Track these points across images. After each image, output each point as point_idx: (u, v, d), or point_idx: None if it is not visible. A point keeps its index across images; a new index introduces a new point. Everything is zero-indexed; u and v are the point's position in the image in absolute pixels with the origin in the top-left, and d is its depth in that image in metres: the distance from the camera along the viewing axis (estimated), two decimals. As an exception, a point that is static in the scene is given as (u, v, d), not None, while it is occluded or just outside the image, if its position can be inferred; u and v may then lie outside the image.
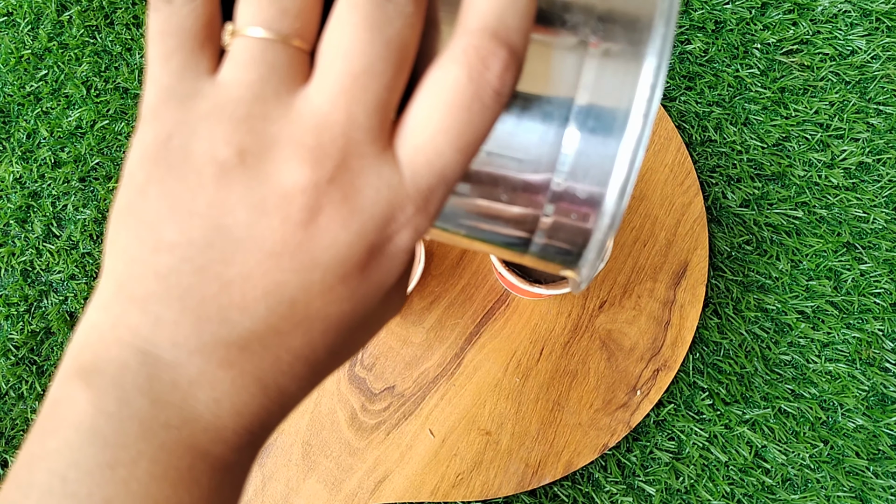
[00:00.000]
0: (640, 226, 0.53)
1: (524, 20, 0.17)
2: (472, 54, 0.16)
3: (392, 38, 0.16)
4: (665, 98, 0.56)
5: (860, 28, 0.56)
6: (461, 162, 0.17)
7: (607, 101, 0.17)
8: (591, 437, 0.50)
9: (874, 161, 0.55)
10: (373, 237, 0.17)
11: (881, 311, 0.52)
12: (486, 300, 0.52)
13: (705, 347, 0.52)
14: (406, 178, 0.17)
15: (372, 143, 0.16)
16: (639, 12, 0.18)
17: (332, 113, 0.16)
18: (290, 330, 0.17)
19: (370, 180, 0.16)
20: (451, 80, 0.16)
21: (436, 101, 0.16)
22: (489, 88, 0.16)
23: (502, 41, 0.16)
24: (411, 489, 0.49)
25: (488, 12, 0.16)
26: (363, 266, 0.17)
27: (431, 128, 0.16)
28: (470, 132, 0.16)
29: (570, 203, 0.18)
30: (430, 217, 0.17)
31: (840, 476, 0.50)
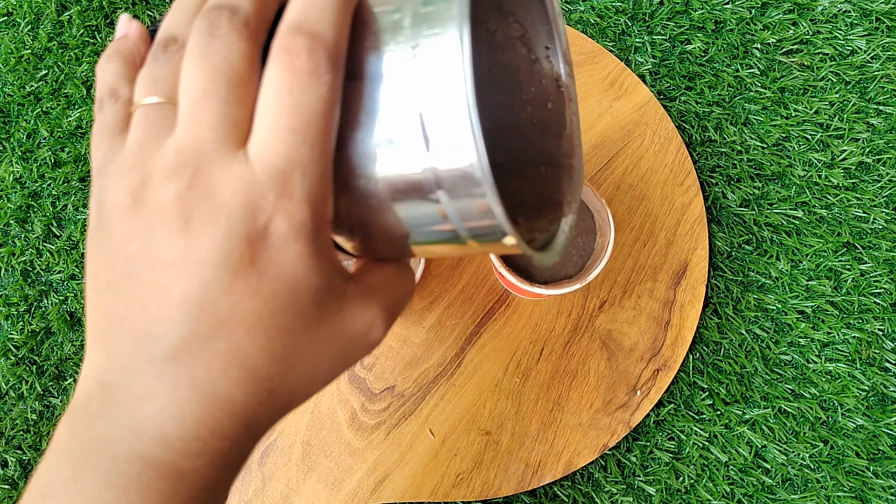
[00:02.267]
0: (640, 226, 0.53)
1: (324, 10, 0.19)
2: (280, 50, 0.19)
3: (219, 64, 0.19)
4: (665, 98, 0.56)
5: (860, 28, 0.56)
6: (305, 141, 0.19)
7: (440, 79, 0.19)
8: (591, 437, 0.50)
9: (874, 161, 0.55)
10: (244, 228, 0.18)
11: (881, 311, 0.52)
12: (486, 300, 0.52)
13: (705, 347, 0.52)
14: (256, 168, 0.19)
15: (220, 149, 0.19)
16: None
17: (185, 135, 0.19)
18: (211, 334, 0.19)
19: (224, 178, 0.18)
20: (272, 76, 0.19)
21: (266, 97, 0.19)
22: (303, 72, 0.18)
23: (304, 32, 0.19)
24: (411, 489, 0.49)
25: (292, 13, 0.19)
26: (251, 258, 0.19)
27: (267, 120, 0.19)
28: (301, 114, 0.18)
29: (451, 175, 0.19)
30: (300, 201, 0.19)
31: (840, 476, 0.50)
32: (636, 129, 0.54)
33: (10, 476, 0.52)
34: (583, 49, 0.55)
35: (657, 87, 0.56)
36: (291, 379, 0.20)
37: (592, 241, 0.46)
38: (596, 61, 0.55)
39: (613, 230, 0.43)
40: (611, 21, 0.57)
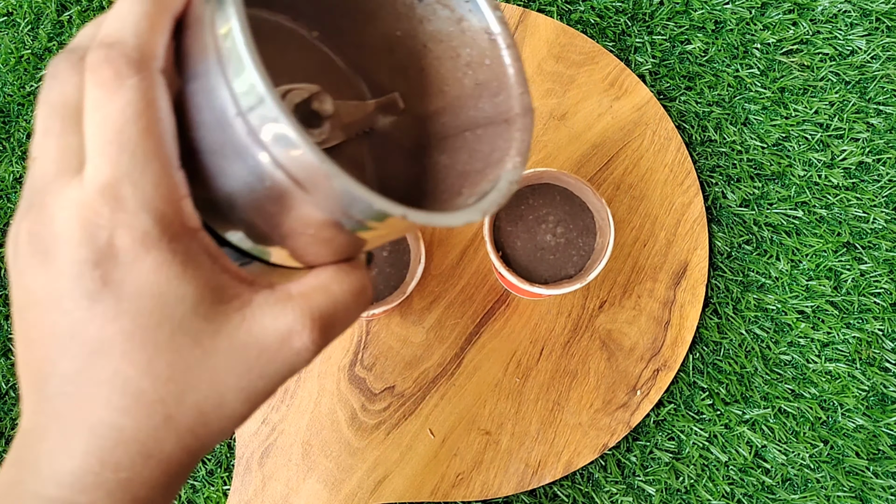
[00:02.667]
0: (640, 226, 0.53)
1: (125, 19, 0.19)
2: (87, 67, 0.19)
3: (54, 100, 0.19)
4: (665, 98, 0.56)
5: (860, 28, 0.56)
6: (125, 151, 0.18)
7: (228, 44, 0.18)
8: (591, 437, 0.50)
9: (874, 161, 0.55)
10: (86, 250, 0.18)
11: (881, 311, 0.52)
12: (486, 300, 0.52)
13: (705, 347, 0.52)
14: (87, 187, 0.18)
15: (58, 180, 0.19)
16: None
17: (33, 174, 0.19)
18: (88, 364, 0.19)
19: (58, 205, 0.18)
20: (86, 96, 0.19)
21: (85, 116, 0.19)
22: (105, 81, 0.18)
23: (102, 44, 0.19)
24: (411, 489, 0.49)
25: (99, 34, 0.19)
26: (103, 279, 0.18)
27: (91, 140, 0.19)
28: (112, 123, 0.18)
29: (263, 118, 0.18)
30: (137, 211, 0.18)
31: (840, 476, 0.50)
32: (636, 129, 0.54)
33: (10, 476, 0.52)
34: (583, 49, 0.55)
35: (657, 87, 0.56)
36: (191, 398, 0.19)
37: (592, 241, 0.46)
38: (596, 61, 0.55)
39: (613, 230, 0.43)
40: (611, 21, 0.57)
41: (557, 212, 0.46)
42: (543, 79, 0.55)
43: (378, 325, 0.51)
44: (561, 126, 0.54)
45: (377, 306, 0.43)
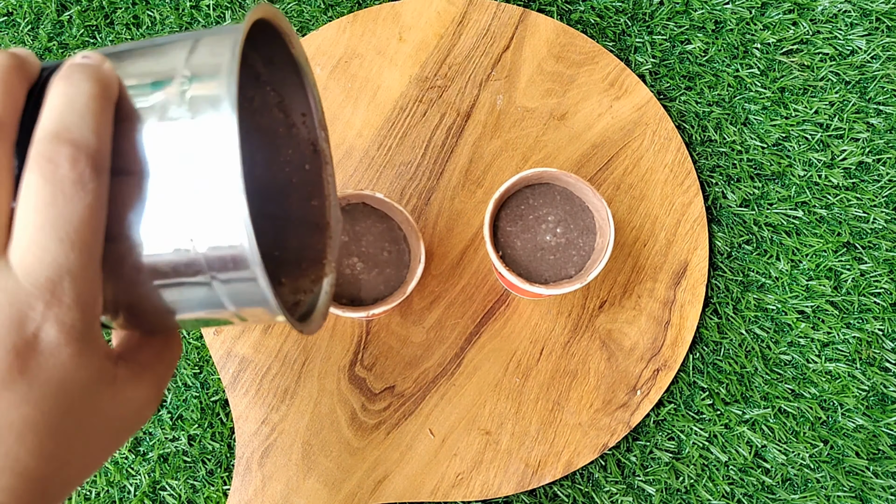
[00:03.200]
0: (640, 226, 0.53)
1: (86, 115, 0.19)
2: (40, 159, 0.18)
3: None
4: (665, 98, 0.56)
5: (860, 28, 0.56)
6: (73, 250, 0.18)
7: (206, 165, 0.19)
8: (591, 436, 0.50)
9: (874, 161, 0.55)
10: (12, 339, 0.18)
11: (881, 311, 0.52)
12: (486, 300, 0.52)
13: (705, 347, 0.52)
14: (21, 278, 0.18)
15: None
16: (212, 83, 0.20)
17: None
18: None
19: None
20: (32, 185, 0.18)
21: (26, 206, 0.18)
22: (67, 181, 0.18)
23: (64, 139, 0.18)
24: (411, 489, 0.49)
25: (48, 120, 0.19)
26: (20, 368, 0.18)
27: (30, 229, 0.18)
28: (65, 222, 0.18)
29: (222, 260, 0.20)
30: (69, 307, 0.19)
31: (840, 476, 0.50)
32: (636, 129, 0.54)
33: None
34: (583, 49, 0.55)
35: (657, 87, 0.56)
36: (67, 471, 0.20)
37: (592, 241, 0.46)
38: (596, 61, 0.55)
39: (613, 230, 0.43)
40: (611, 21, 0.57)
41: (557, 212, 0.46)
42: (543, 79, 0.55)
43: (378, 325, 0.51)
44: (561, 126, 0.54)
45: (377, 306, 0.43)
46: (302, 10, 0.58)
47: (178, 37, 0.22)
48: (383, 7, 0.56)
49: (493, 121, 0.54)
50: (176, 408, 0.52)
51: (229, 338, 0.51)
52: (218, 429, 0.52)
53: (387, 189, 0.53)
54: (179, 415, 0.52)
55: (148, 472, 0.51)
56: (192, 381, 0.53)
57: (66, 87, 0.19)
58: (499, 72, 0.55)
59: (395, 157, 0.54)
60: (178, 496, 0.51)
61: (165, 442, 0.52)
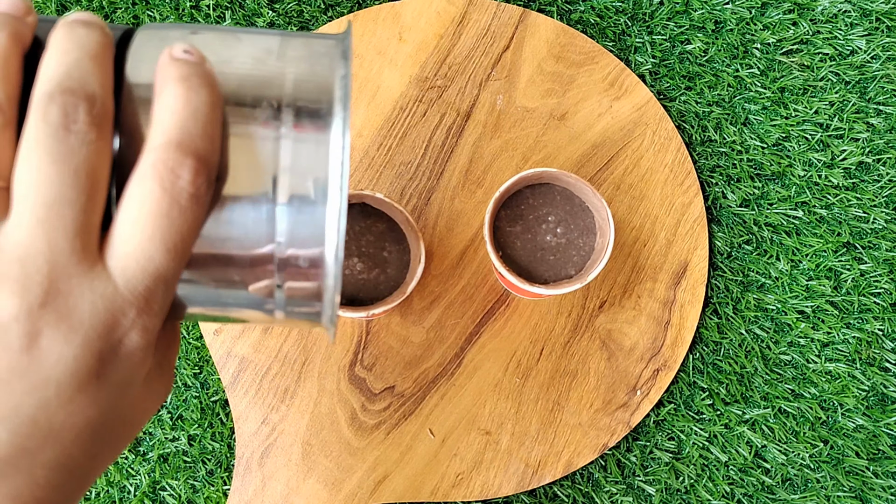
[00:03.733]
0: (640, 226, 0.53)
1: (207, 126, 0.18)
2: (160, 167, 0.17)
3: (79, 166, 0.17)
4: (665, 98, 0.56)
5: (860, 28, 0.56)
6: (174, 260, 0.18)
7: (305, 179, 0.20)
8: (591, 437, 0.50)
9: (874, 161, 0.55)
10: (99, 345, 0.18)
11: (881, 311, 0.52)
12: (486, 300, 0.52)
13: (705, 347, 0.52)
14: (120, 285, 0.18)
15: (78, 263, 0.17)
16: (320, 98, 0.20)
17: (32, 243, 0.17)
18: (38, 446, 0.18)
19: (84, 296, 0.17)
20: (147, 192, 0.17)
21: (137, 212, 0.17)
22: (184, 194, 0.18)
23: (187, 150, 0.18)
24: (411, 489, 0.49)
25: (171, 126, 0.18)
26: (98, 373, 0.18)
27: (137, 237, 0.18)
28: (175, 234, 0.18)
29: (297, 270, 0.20)
30: (156, 314, 0.19)
31: (840, 476, 0.50)
32: (636, 129, 0.54)
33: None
34: (583, 49, 0.55)
35: (657, 87, 0.56)
36: (99, 467, 0.20)
37: (592, 241, 0.46)
38: (596, 61, 0.55)
39: (613, 230, 0.43)
40: (611, 21, 0.57)
41: (558, 212, 0.46)
42: (543, 79, 0.55)
43: (378, 325, 0.51)
44: (561, 126, 0.54)
45: (377, 306, 0.43)
46: (302, 10, 0.58)
47: (257, 35, 0.22)
48: (383, 7, 0.56)
49: (493, 121, 0.54)
50: (176, 408, 0.52)
51: (229, 338, 0.51)
52: (218, 429, 0.52)
53: (387, 189, 0.53)
54: (179, 415, 0.52)
55: (148, 472, 0.51)
56: (192, 381, 0.53)
57: (186, 93, 0.18)
58: (499, 72, 0.55)
59: (395, 157, 0.54)
60: (178, 496, 0.51)
61: (165, 442, 0.52)
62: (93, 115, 0.17)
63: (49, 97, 0.17)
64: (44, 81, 0.18)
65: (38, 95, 0.18)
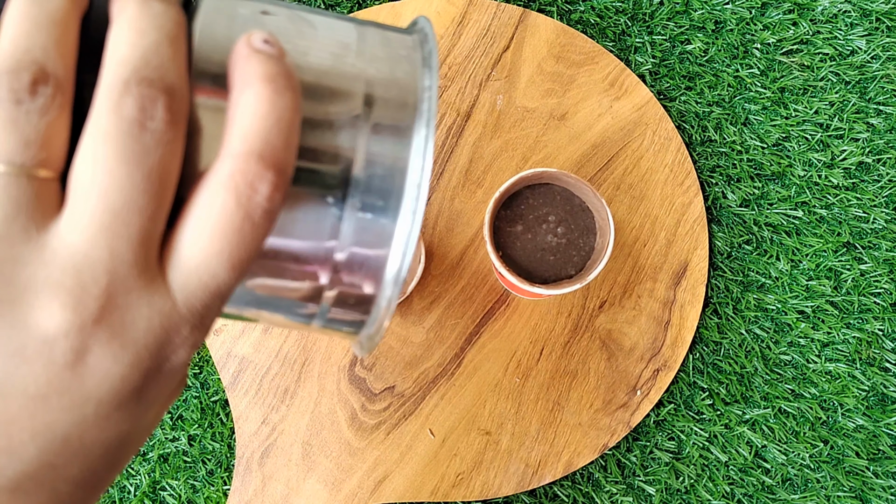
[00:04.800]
0: (640, 226, 0.53)
1: (289, 136, 0.16)
2: (239, 179, 0.16)
3: (153, 170, 0.15)
4: (665, 98, 0.56)
5: (860, 28, 0.56)
6: (236, 278, 0.17)
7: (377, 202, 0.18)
8: (591, 437, 0.50)
9: (874, 161, 0.55)
10: (148, 364, 0.16)
11: (881, 311, 0.52)
12: (486, 300, 0.52)
13: (705, 347, 0.52)
14: (179, 302, 0.16)
15: (139, 277, 0.16)
16: (401, 113, 0.19)
17: (91, 251, 0.15)
18: (66, 463, 0.17)
19: (141, 312, 0.16)
20: (220, 205, 0.16)
21: (206, 225, 0.16)
22: (259, 210, 0.16)
23: (269, 163, 0.16)
24: (411, 489, 0.49)
25: (253, 134, 0.16)
26: (140, 391, 0.17)
27: (203, 252, 0.16)
28: (243, 251, 0.16)
29: (351, 286, 0.19)
30: (207, 329, 0.17)
31: (840, 476, 0.50)
32: (636, 129, 0.54)
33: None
34: (583, 49, 0.55)
35: (657, 87, 0.56)
36: (113, 479, 0.19)
37: (592, 241, 0.46)
38: (596, 61, 0.55)
39: (613, 230, 0.43)
40: (611, 21, 0.57)
41: (558, 212, 0.46)
42: (543, 79, 0.55)
43: (378, 325, 0.51)
44: (561, 126, 0.54)
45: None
46: (302, 10, 0.58)
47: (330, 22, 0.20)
48: (383, 7, 0.56)
49: (493, 121, 0.54)
50: (176, 408, 0.52)
51: (229, 338, 0.51)
52: (218, 429, 0.52)
53: (387, 189, 0.53)
54: (179, 415, 0.52)
55: (148, 472, 0.51)
56: (192, 381, 0.53)
57: (272, 96, 0.16)
58: (499, 72, 0.55)
59: (395, 157, 0.54)
60: (178, 496, 0.51)
61: (165, 442, 0.52)
62: (172, 111, 0.16)
63: (124, 86, 0.15)
64: (117, 65, 0.15)
65: (111, 82, 0.15)
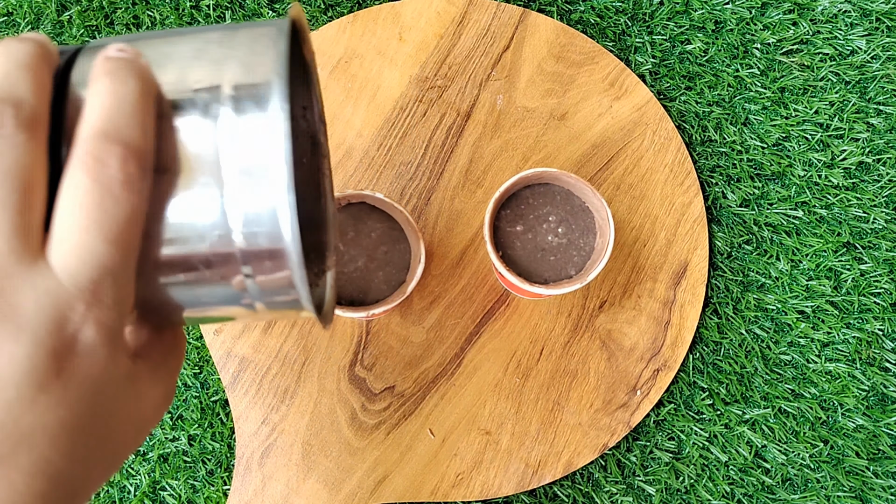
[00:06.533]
0: (640, 226, 0.53)
1: (135, 115, 0.18)
2: (87, 158, 0.18)
3: (9, 168, 0.17)
4: (665, 98, 0.56)
5: (860, 28, 0.56)
6: (117, 251, 0.18)
7: (251, 158, 0.19)
8: (591, 436, 0.50)
9: (874, 161, 0.55)
10: (51, 342, 0.17)
11: (881, 311, 0.52)
12: (486, 300, 0.52)
13: (705, 347, 0.52)
14: (64, 280, 0.18)
15: (18, 263, 0.17)
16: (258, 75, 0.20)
17: None
18: (12, 450, 0.17)
19: (26, 294, 0.17)
20: (77, 184, 0.18)
21: (71, 206, 0.18)
22: (115, 182, 0.18)
23: (114, 139, 0.18)
24: (411, 489, 0.49)
25: (96, 118, 0.18)
26: (57, 370, 0.18)
27: (74, 230, 0.18)
28: (112, 223, 0.18)
29: (259, 255, 0.20)
30: (110, 307, 0.18)
31: (840, 476, 0.50)
32: (636, 129, 0.54)
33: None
34: (583, 49, 0.55)
35: (657, 87, 0.56)
36: (91, 474, 0.20)
37: (592, 241, 0.46)
38: (596, 61, 0.55)
39: (613, 230, 0.43)
40: (611, 21, 0.57)
41: (558, 212, 0.46)
42: (543, 79, 0.55)
43: (378, 325, 0.51)
44: (561, 126, 0.54)
45: (377, 306, 0.43)
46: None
47: (203, 30, 0.22)
48: (383, 7, 0.56)
49: (493, 121, 0.54)
50: (176, 408, 0.52)
51: (229, 338, 0.51)
52: (218, 429, 0.52)
53: (387, 189, 0.53)
54: (179, 415, 0.52)
55: (148, 472, 0.51)
56: (192, 381, 0.53)
57: (112, 84, 0.18)
58: (499, 72, 0.55)
59: (395, 157, 0.54)
60: (178, 496, 0.51)
61: (165, 442, 0.52)
62: (20, 118, 0.18)
63: None
64: None
65: None
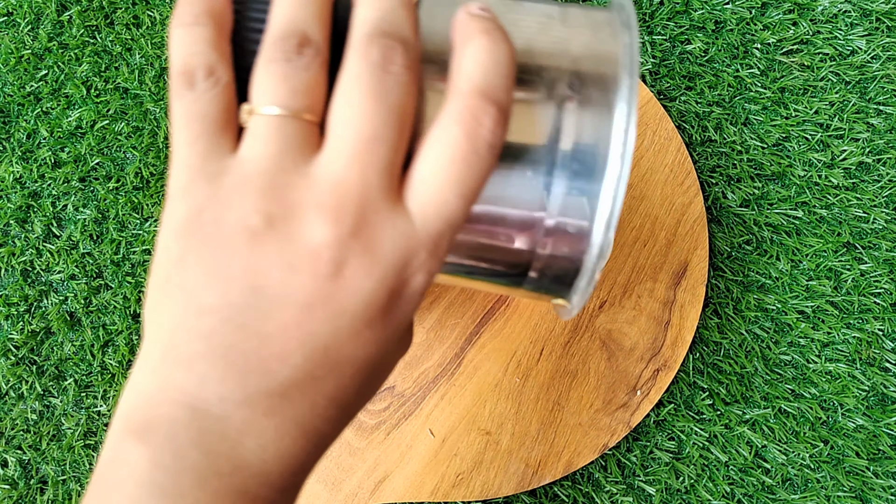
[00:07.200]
0: (640, 226, 0.53)
1: (507, 79, 0.19)
2: (465, 114, 0.18)
3: (393, 105, 0.18)
4: (665, 98, 0.56)
5: (860, 28, 0.56)
6: (465, 207, 0.19)
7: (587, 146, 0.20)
8: (591, 437, 0.50)
9: (874, 161, 0.55)
10: (392, 282, 0.18)
11: (881, 311, 0.52)
12: (486, 300, 0.52)
13: (705, 347, 0.52)
14: (418, 226, 0.18)
15: (384, 199, 0.18)
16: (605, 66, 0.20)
17: (347, 175, 0.18)
18: (324, 375, 0.18)
19: (387, 232, 0.18)
20: (451, 137, 0.18)
21: (439, 156, 0.18)
22: (484, 142, 0.18)
23: (491, 100, 0.18)
24: (411, 489, 0.49)
25: (476, 74, 0.18)
26: (386, 310, 0.18)
27: (437, 181, 0.18)
28: (471, 181, 0.18)
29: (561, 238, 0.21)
30: (440, 259, 0.19)
31: (840, 476, 0.50)
32: (636, 129, 0.54)
33: (10, 476, 0.52)
34: (583, 49, 0.55)
35: (657, 87, 0.56)
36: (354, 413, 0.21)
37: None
38: (596, 61, 0.55)
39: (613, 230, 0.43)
40: (611, 21, 0.57)
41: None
42: (543, 79, 0.55)
43: (378, 325, 0.51)
44: (561, 126, 0.54)
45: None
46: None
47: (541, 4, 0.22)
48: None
49: (493, 121, 0.54)
50: (176, 408, 0.52)
51: (229, 338, 0.51)
52: (218, 429, 0.52)
53: (387, 189, 0.53)
54: (179, 415, 0.52)
55: (148, 473, 0.51)
56: (192, 381, 0.53)
57: (489, 44, 0.19)
58: (499, 72, 0.55)
59: (395, 157, 0.54)
60: (178, 496, 0.51)
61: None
62: (407, 58, 0.18)
63: (369, 38, 0.18)
64: (362, 24, 0.19)
65: (358, 37, 0.18)
